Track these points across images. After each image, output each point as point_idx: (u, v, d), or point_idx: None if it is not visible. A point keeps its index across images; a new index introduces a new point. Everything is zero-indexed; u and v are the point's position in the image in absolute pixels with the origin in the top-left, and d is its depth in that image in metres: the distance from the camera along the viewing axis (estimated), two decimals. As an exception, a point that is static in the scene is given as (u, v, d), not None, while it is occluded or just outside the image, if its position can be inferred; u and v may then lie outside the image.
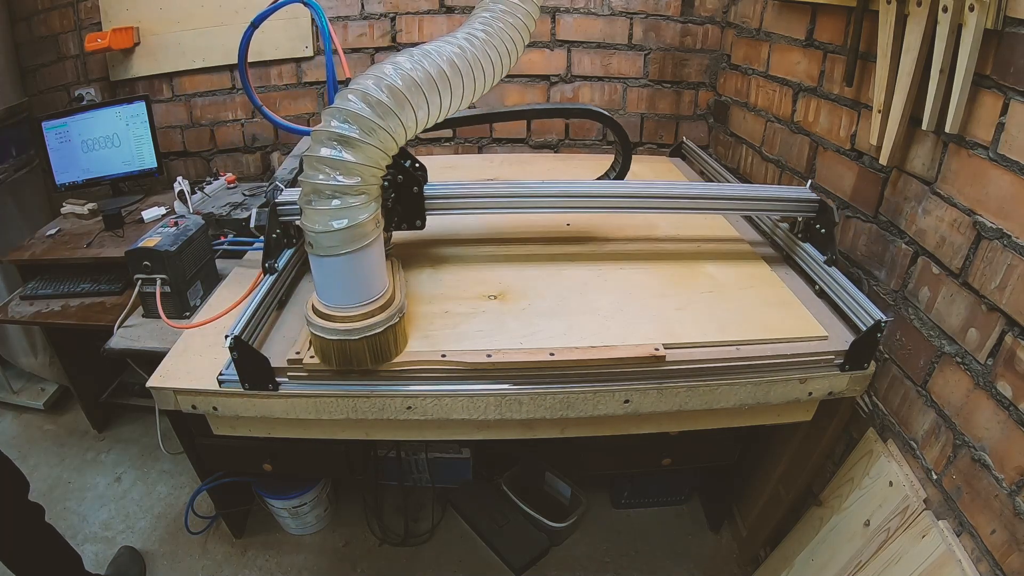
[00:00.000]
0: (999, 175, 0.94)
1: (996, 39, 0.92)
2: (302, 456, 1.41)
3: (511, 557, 1.74)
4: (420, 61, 1.01)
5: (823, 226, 1.33)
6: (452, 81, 1.05)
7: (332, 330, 1.00)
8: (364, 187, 0.96)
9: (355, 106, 0.94)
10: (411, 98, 0.99)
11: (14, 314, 1.81)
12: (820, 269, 1.31)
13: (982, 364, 0.98)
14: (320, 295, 1.03)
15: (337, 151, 0.93)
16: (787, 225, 1.46)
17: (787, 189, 1.41)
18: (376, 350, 1.04)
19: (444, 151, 2.30)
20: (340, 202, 0.94)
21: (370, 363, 1.05)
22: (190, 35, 2.13)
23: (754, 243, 1.54)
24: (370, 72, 0.98)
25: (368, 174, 0.96)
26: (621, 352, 1.09)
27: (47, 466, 2.08)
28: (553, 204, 1.36)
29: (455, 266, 1.40)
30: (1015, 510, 0.90)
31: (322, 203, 0.94)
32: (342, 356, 1.04)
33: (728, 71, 2.05)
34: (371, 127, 0.95)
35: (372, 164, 0.97)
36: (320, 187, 0.93)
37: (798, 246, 1.41)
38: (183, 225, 1.50)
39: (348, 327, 1.00)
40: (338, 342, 1.01)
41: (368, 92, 0.95)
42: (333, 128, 0.93)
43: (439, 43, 1.08)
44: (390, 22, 2.12)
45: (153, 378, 1.14)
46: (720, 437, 1.46)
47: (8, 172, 2.19)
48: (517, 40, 1.20)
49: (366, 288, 1.02)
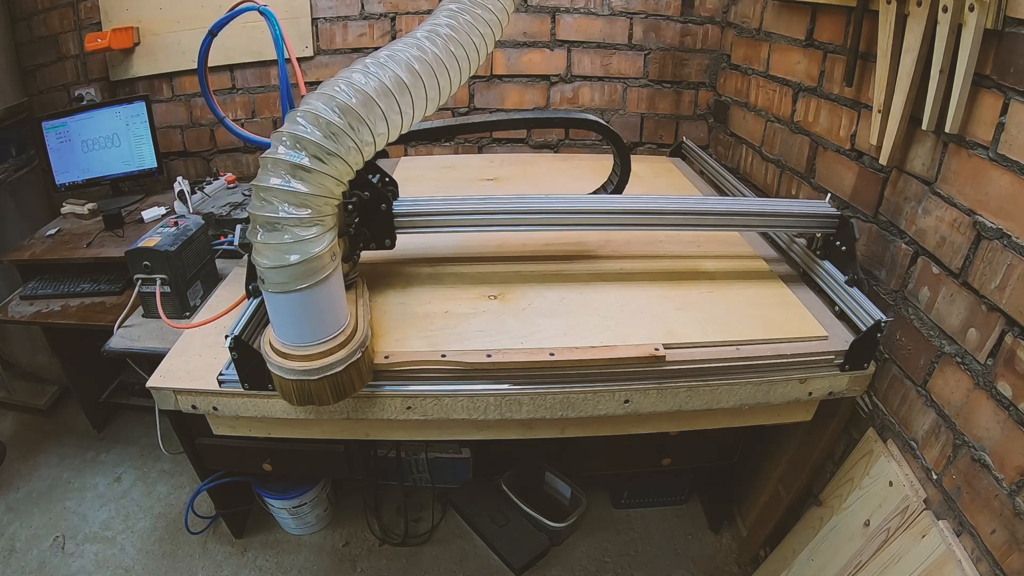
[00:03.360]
0: (999, 175, 0.94)
1: (996, 39, 0.92)
2: (302, 456, 1.41)
3: (511, 557, 1.74)
4: (375, 72, 0.93)
5: (843, 243, 1.24)
6: (412, 89, 0.97)
7: (290, 370, 0.94)
8: (317, 218, 0.89)
9: (304, 130, 0.87)
10: (366, 115, 0.91)
11: (14, 314, 1.81)
12: (840, 290, 1.22)
13: (982, 364, 0.98)
14: (276, 333, 0.97)
15: (286, 181, 0.86)
16: (804, 241, 1.37)
17: (805, 204, 1.33)
18: (338, 387, 0.99)
19: (444, 151, 2.30)
20: (291, 236, 0.86)
21: (332, 400, 1.00)
22: (190, 35, 2.13)
23: (770, 260, 1.44)
24: (322, 89, 0.91)
25: (321, 203, 0.89)
26: (621, 352, 1.09)
27: (47, 466, 2.08)
28: (543, 222, 1.27)
29: (455, 267, 1.40)
30: (1015, 510, 0.90)
31: (272, 237, 0.86)
32: (302, 395, 0.98)
33: (728, 71, 2.05)
34: (323, 152, 0.88)
35: (325, 194, 0.89)
36: (269, 220, 0.86)
37: (816, 264, 1.32)
38: (183, 225, 1.50)
39: (306, 366, 0.94)
40: (297, 382, 0.96)
41: (319, 113, 0.87)
42: (281, 155, 0.86)
43: (397, 45, 1.00)
44: (390, 22, 2.12)
45: (153, 378, 1.15)
46: (720, 437, 1.46)
47: (8, 172, 2.19)
48: (487, 33, 1.10)
49: (324, 325, 0.95)
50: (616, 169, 1.54)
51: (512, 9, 1.18)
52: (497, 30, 1.14)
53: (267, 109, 2.24)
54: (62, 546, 1.80)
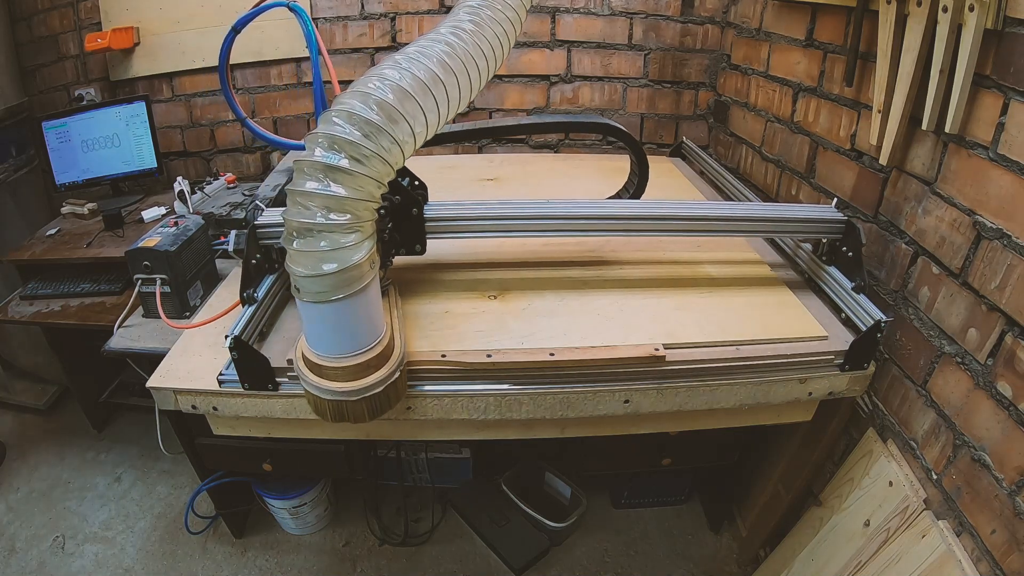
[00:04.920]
0: (999, 175, 0.94)
1: (996, 39, 0.92)
2: (302, 456, 1.41)
3: (511, 557, 1.74)
4: (407, 68, 0.91)
5: (850, 248, 1.21)
6: (447, 83, 0.95)
7: (328, 391, 0.92)
8: (356, 224, 0.85)
9: (342, 130, 0.83)
10: (404, 110, 0.88)
11: (14, 314, 1.81)
12: (848, 296, 1.20)
13: (982, 364, 0.98)
14: (310, 343, 0.93)
15: (324, 184, 0.82)
16: (810, 246, 1.35)
17: (811, 208, 1.29)
18: (375, 407, 0.97)
19: (444, 151, 2.30)
20: (328, 243, 0.82)
21: (367, 418, 0.97)
22: (190, 35, 2.13)
23: (775, 265, 1.42)
24: (354, 88, 0.88)
25: (361, 208, 0.85)
26: (621, 352, 1.09)
27: (47, 466, 2.08)
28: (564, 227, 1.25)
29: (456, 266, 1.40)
30: (1015, 510, 0.90)
31: (308, 244, 0.82)
32: (337, 413, 0.95)
33: (728, 71, 2.05)
34: (363, 153, 0.84)
35: (365, 197, 0.86)
36: (306, 226, 0.82)
37: (822, 270, 1.29)
38: (183, 225, 1.50)
39: (345, 387, 0.91)
40: (334, 402, 0.94)
41: (354, 111, 0.84)
42: (318, 158, 0.82)
43: (425, 42, 0.98)
44: (390, 22, 2.12)
45: (153, 378, 1.14)
46: (720, 437, 1.46)
47: (8, 172, 2.19)
48: (509, 30, 1.09)
49: (362, 336, 0.92)
50: (633, 176, 1.53)
51: (528, 7, 1.17)
52: (517, 27, 1.13)
53: (267, 109, 2.24)
54: (62, 546, 1.80)
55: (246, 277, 1.18)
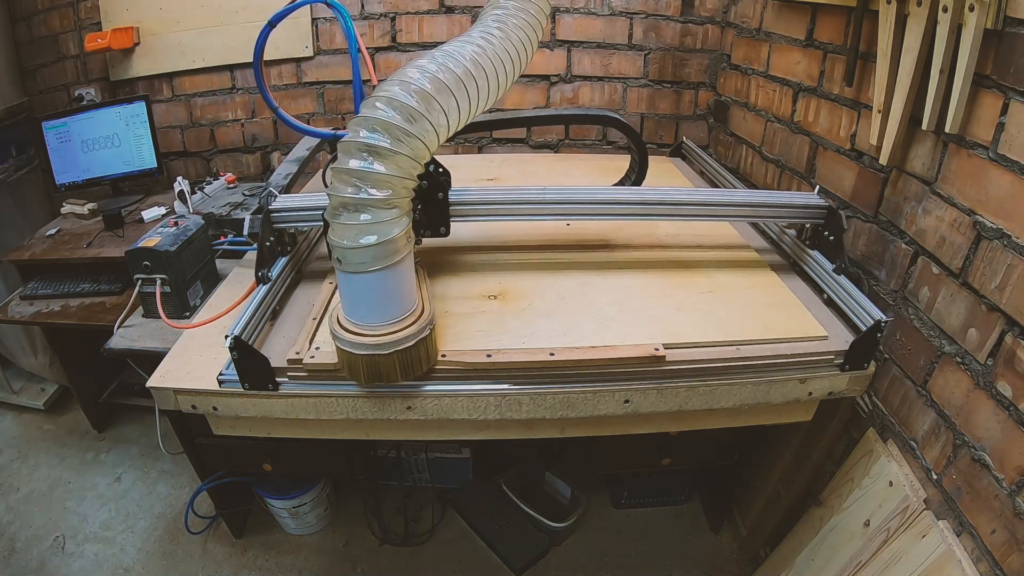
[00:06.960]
0: (999, 175, 0.94)
1: (996, 39, 0.92)
2: (302, 456, 1.41)
3: (511, 557, 1.74)
4: (444, 63, 0.99)
5: (831, 233, 1.28)
6: (478, 80, 1.03)
7: (361, 344, 0.96)
8: (395, 200, 0.92)
9: (384, 113, 0.91)
10: (441, 100, 0.96)
11: (14, 314, 1.81)
12: (828, 278, 1.27)
13: (982, 364, 0.98)
14: (347, 313, 0.99)
15: (367, 162, 0.90)
16: (794, 231, 1.42)
17: (794, 195, 1.37)
18: (407, 365, 1.00)
19: (444, 151, 2.29)
20: (370, 216, 0.90)
21: (400, 377, 1.01)
22: (190, 35, 2.13)
23: (761, 250, 1.49)
24: (394, 77, 0.96)
25: (399, 185, 0.93)
26: (621, 352, 1.09)
27: (47, 466, 2.08)
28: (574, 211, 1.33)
29: (455, 266, 1.40)
30: (1015, 510, 0.90)
31: (351, 217, 0.90)
32: (371, 371, 0.99)
33: (728, 71, 2.05)
34: (402, 135, 0.92)
35: (404, 175, 0.93)
36: (349, 201, 0.89)
37: (806, 253, 1.36)
38: (183, 225, 1.50)
39: (378, 341, 0.96)
40: (367, 357, 0.97)
41: (395, 97, 0.92)
42: (362, 138, 0.90)
43: (458, 43, 1.07)
44: (390, 22, 2.12)
45: (153, 378, 1.14)
46: (720, 437, 1.46)
47: (8, 172, 2.19)
48: (532, 36, 1.19)
49: (396, 306, 0.98)
50: (634, 165, 1.63)
51: (548, 12, 1.27)
52: (539, 33, 1.24)
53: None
54: (62, 546, 1.80)
55: (261, 258, 1.25)
